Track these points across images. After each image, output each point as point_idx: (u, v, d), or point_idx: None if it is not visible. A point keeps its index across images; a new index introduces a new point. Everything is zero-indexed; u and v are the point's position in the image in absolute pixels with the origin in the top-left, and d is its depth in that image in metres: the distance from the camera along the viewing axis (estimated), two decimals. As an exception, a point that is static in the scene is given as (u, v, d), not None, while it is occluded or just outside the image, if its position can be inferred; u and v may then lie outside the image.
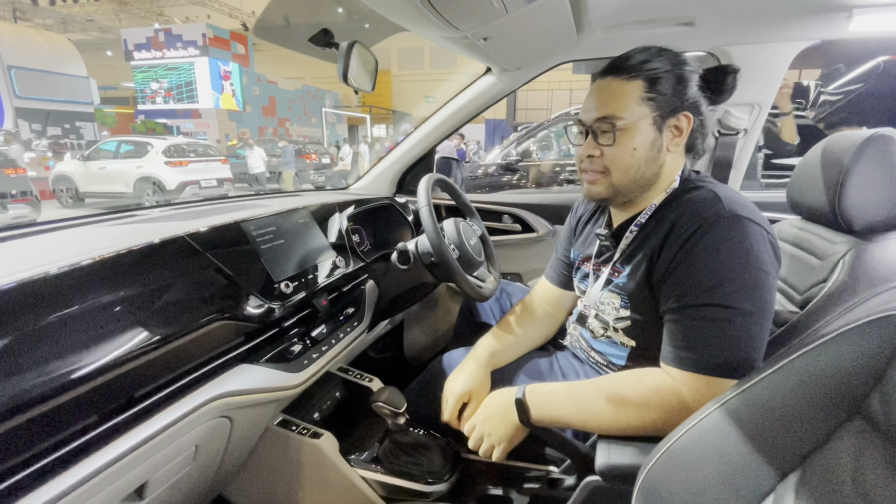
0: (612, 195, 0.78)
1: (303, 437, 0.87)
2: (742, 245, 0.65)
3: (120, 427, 0.57)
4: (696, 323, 0.67)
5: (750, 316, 0.64)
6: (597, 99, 0.75)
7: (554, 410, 0.76)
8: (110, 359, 0.57)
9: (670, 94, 0.72)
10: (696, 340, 0.66)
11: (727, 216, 0.66)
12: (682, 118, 0.73)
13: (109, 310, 0.60)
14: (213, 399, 0.68)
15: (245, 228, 0.87)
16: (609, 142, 0.73)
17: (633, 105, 0.72)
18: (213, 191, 8.66)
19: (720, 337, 0.65)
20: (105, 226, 0.85)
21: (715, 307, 0.65)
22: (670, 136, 0.74)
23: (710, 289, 0.65)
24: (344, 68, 0.79)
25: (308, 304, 0.94)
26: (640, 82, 0.72)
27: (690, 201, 0.71)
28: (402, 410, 0.89)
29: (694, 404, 0.65)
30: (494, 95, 1.37)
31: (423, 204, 1.05)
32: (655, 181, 0.76)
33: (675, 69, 0.73)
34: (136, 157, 8.41)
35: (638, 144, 0.73)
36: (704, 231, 0.67)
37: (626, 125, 0.72)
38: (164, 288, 0.67)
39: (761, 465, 0.52)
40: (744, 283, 0.65)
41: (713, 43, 1.15)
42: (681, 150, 0.77)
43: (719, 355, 0.65)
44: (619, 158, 0.74)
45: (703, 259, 0.66)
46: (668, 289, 0.70)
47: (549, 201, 1.59)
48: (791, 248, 0.95)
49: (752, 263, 0.65)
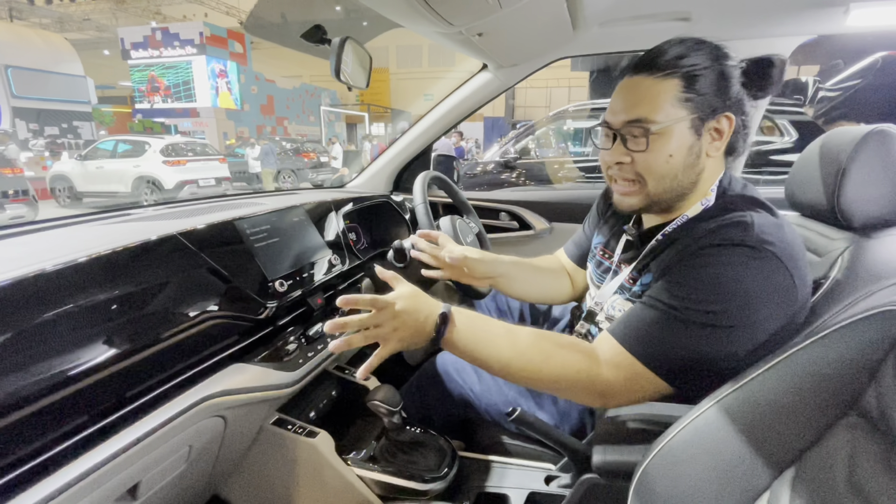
0: (648, 205, 0.71)
1: (298, 436, 0.87)
2: (744, 277, 0.59)
3: (112, 427, 0.57)
4: (651, 312, 0.63)
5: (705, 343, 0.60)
6: (626, 100, 0.67)
7: (472, 336, 0.66)
8: (102, 358, 0.56)
9: (711, 93, 0.64)
10: (641, 322, 0.64)
11: (749, 244, 0.59)
12: (724, 119, 0.65)
13: (102, 308, 0.59)
14: (206, 398, 0.67)
15: (239, 227, 0.86)
16: (641, 147, 0.65)
17: (669, 107, 0.63)
18: (211, 189, 8.65)
19: (663, 331, 0.62)
20: (99, 224, 0.85)
21: (678, 315, 0.61)
22: (710, 140, 0.66)
23: (686, 297, 0.61)
24: (336, 64, 0.78)
25: (303, 303, 0.93)
26: (677, 81, 0.63)
27: (720, 226, 0.63)
28: (398, 409, 0.89)
29: (606, 373, 0.64)
30: (491, 92, 1.37)
31: (418, 201, 1.05)
32: (693, 189, 0.69)
33: (716, 64, 0.64)
34: (134, 156, 8.40)
35: (674, 150, 0.65)
36: (717, 250, 0.61)
37: (661, 129, 0.64)
38: (157, 286, 0.67)
39: (757, 461, 0.52)
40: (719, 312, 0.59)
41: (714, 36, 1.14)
42: (720, 154, 0.69)
43: (652, 344, 0.62)
44: (654, 166, 0.66)
45: (697, 272, 0.61)
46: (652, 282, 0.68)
47: (546, 198, 1.59)
48: None
49: (746, 300, 0.59)
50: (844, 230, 0.82)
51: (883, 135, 0.75)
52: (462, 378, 0.98)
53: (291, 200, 1.13)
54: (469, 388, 0.97)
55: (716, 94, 0.64)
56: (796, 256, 0.61)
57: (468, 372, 0.98)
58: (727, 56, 0.66)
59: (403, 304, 0.63)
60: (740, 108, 0.66)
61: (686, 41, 0.66)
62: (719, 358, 0.61)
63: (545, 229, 1.56)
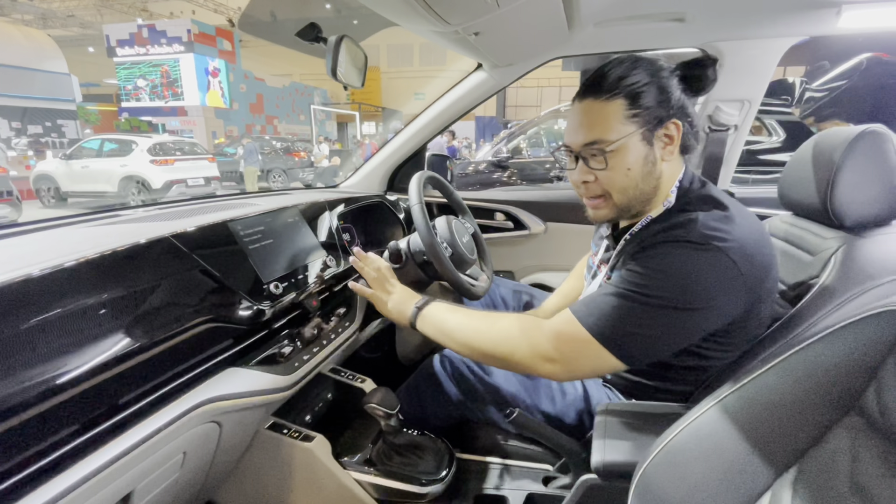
0: (619, 214, 0.77)
1: (294, 440, 0.86)
2: (691, 269, 0.64)
3: (103, 435, 0.55)
4: (606, 291, 0.68)
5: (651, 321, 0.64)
6: (580, 123, 0.72)
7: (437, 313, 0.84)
8: (93, 364, 0.55)
9: (654, 105, 0.69)
10: (593, 299, 0.69)
11: (699, 243, 0.64)
12: (672, 126, 0.71)
13: (92, 314, 0.58)
14: (200, 404, 0.66)
15: (232, 228, 0.85)
16: (601, 166, 0.71)
17: (619, 125, 0.69)
18: (200, 189, 8.54)
19: (614, 311, 0.65)
20: (87, 226, 0.82)
21: (628, 293, 0.65)
22: (662, 146, 0.72)
23: (637, 283, 0.65)
24: (333, 64, 0.77)
25: (298, 305, 0.92)
26: (622, 101, 0.69)
27: (672, 225, 0.70)
28: (395, 411, 0.88)
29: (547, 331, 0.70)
30: (486, 91, 1.36)
31: (414, 201, 1.04)
32: (656, 193, 0.74)
33: (655, 78, 0.69)
34: (121, 155, 8.25)
35: (631, 164, 0.70)
36: (670, 246, 0.66)
37: (616, 147, 0.69)
38: (148, 290, 0.65)
39: (758, 462, 0.52)
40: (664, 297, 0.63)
41: (703, 39, 1.15)
42: (676, 156, 0.74)
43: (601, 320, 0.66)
44: (616, 181, 0.72)
45: (650, 260, 0.66)
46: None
47: (541, 198, 1.59)
48: (782, 244, 0.95)
49: (689, 288, 0.63)
50: (836, 229, 0.83)
51: (875, 135, 0.76)
52: (459, 380, 0.97)
53: (285, 201, 1.12)
54: (466, 389, 0.96)
55: (659, 105, 0.69)
56: (745, 247, 0.65)
57: (465, 374, 0.98)
58: (663, 68, 0.71)
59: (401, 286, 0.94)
60: (684, 111, 0.72)
61: (624, 62, 0.71)
62: (671, 337, 0.66)
63: (541, 230, 1.56)
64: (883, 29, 0.95)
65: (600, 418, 0.78)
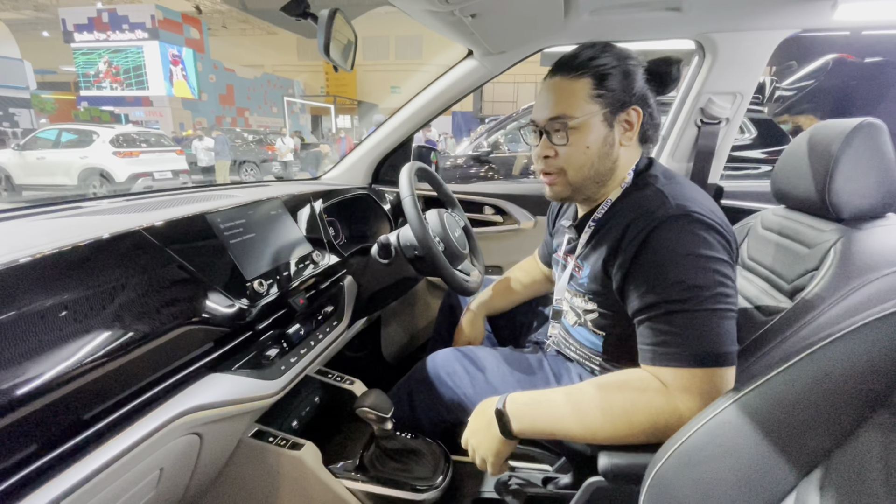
0: (572, 193, 0.79)
1: (281, 448, 0.80)
2: (694, 241, 0.65)
3: (69, 455, 0.48)
4: (663, 319, 0.65)
5: (713, 307, 0.63)
6: (547, 99, 0.75)
7: (537, 420, 0.70)
8: (53, 375, 0.48)
9: (619, 89, 0.72)
10: (666, 335, 0.65)
11: (676, 214, 0.66)
12: (632, 112, 0.74)
13: (51, 317, 0.50)
14: (179, 415, 0.59)
15: (211, 221, 0.78)
16: (562, 141, 0.73)
17: (583, 103, 0.72)
18: (167, 183, 8.17)
19: (688, 328, 0.63)
20: (44, 219, 0.74)
21: (676, 302, 0.64)
22: (622, 131, 0.74)
23: (670, 286, 0.64)
24: (325, 39, 0.71)
25: (284, 304, 0.86)
26: (588, 79, 0.71)
27: (640, 200, 0.71)
28: (389, 415, 0.83)
29: (681, 402, 0.62)
30: (475, 81, 1.31)
31: (406, 193, 0.99)
32: (611, 176, 0.77)
33: (622, 64, 0.73)
34: (80, 146, 7.80)
35: (591, 142, 0.73)
36: (657, 232, 0.66)
37: (578, 124, 0.72)
38: (117, 290, 0.58)
39: (780, 462, 0.50)
40: (700, 277, 0.63)
41: (698, 30, 1.14)
42: (634, 143, 0.77)
43: (692, 345, 0.63)
44: (574, 157, 0.74)
45: (658, 259, 0.66)
46: (631, 292, 0.69)
47: (532, 191, 1.55)
48: (776, 237, 0.95)
49: (705, 256, 0.64)
50: (833, 222, 0.83)
51: (872, 127, 0.76)
52: (454, 381, 0.93)
53: (265, 192, 1.05)
54: (462, 392, 0.92)
55: (623, 89, 0.72)
56: (713, 213, 0.68)
57: (460, 375, 0.93)
58: (631, 56, 0.74)
59: (470, 431, 0.76)
60: (645, 101, 0.75)
61: (596, 45, 0.74)
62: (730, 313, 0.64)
63: (531, 224, 1.53)
64: (878, 23, 0.96)
65: None
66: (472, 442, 0.75)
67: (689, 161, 1.30)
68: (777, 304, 0.87)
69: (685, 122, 1.27)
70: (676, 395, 0.63)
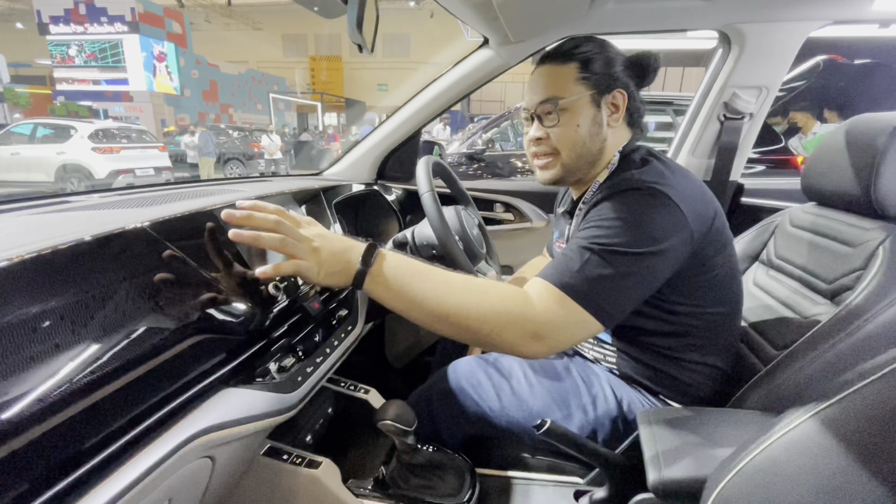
0: (565, 174, 0.81)
1: (297, 467, 0.73)
2: (637, 209, 0.67)
3: (66, 493, 0.41)
4: (571, 251, 0.68)
5: (616, 263, 0.64)
6: (538, 84, 0.79)
7: (405, 270, 0.62)
8: (46, 399, 0.40)
9: (602, 73, 0.77)
10: (562, 262, 0.67)
11: (641, 187, 0.68)
12: (618, 95, 0.78)
13: (42, 330, 0.43)
14: (193, 437, 0.52)
15: (220, 218, 0.70)
16: (554, 122, 0.78)
17: (571, 85, 0.76)
18: (150, 180, 7.94)
19: (578, 261, 0.65)
20: (28, 214, 0.66)
21: (587, 239, 0.67)
22: (609, 113, 0.79)
23: (595, 235, 0.67)
24: (359, 14, 0.64)
25: (299, 309, 0.78)
26: (575, 64, 0.77)
27: (621, 178, 0.74)
28: (412, 428, 0.77)
29: (535, 307, 0.63)
30: (491, 71, 1.25)
31: (425, 189, 0.92)
32: (601, 156, 0.80)
33: (604, 51, 0.78)
34: (57, 141, 7.53)
35: (580, 121, 0.77)
36: (612, 197, 0.70)
37: (567, 104, 0.76)
38: (120, 296, 0.50)
39: (871, 483, 0.45)
40: (622, 237, 0.65)
41: (726, 20, 1.09)
42: (621, 126, 0.81)
43: (571, 275, 0.64)
44: (566, 136, 0.78)
45: (601, 213, 0.69)
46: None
47: (544, 189, 1.50)
48: (809, 235, 0.91)
49: (643, 231, 0.65)
50: (876, 219, 0.79)
51: None
52: (479, 394, 0.87)
53: (271, 187, 0.97)
54: (487, 405, 0.86)
55: (606, 73, 0.77)
56: (684, 192, 0.69)
57: (485, 387, 0.88)
58: (611, 46, 0.80)
59: (320, 230, 0.63)
60: (628, 87, 0.79)
61: (578, 37, 0.80)
62: (633, 286, 0.66)
63: (543, 222, 1.48)
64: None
65: (645, 428, 0.71)
66: (314, 242, 0.59)
67: (711, 157, 1.26)
68: (815, 305, 0.84)
69: (707, 117, 1.23)
70: (534, 300, 0.64)
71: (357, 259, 0.60)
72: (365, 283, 0.60)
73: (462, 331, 0.62)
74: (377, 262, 0.61)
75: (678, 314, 0.78)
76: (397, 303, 0.62)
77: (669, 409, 0.83)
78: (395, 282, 0.61)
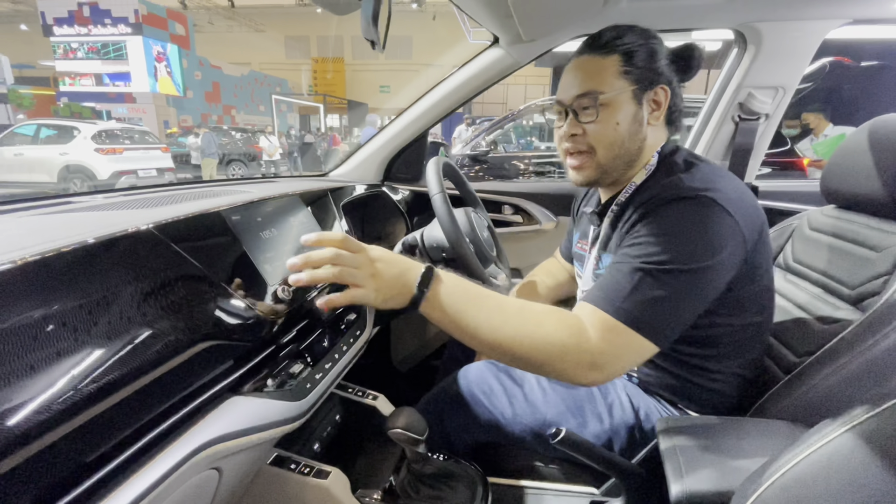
0: (600, 175, 0.77)
1: (305, 477, 0.70)
2: (693, 222, 0.63)
3: (66, 511, 0.38)
4: (616, 267, 0.65)
5: (672, 281, 0.61)
6: (575, 76, 0.74)
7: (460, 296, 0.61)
8: (48, 408, 0.38)
9: (645, 67, 0.72)
10: (608, 280, 0.64)
11: (688, 196, 0.64)
12: (660, 91, 0.73)
13: (43, 337, 0.40)
14: (200, 448, 0.50)
15: (229, 219, 0.68)
16: (591, 118, 0.72)
17: (612, 79, 0.71)
18: (152, 181, 7.94)
19: (629, 283, 0.62)
20: (29, 215, 0.64)
21: (637, 258, 0.63)
22: (649, 110, 0.74)
23: (647, 254, 0.63)
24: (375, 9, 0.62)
25: (308, 313, 0.76)
26: (617, 56, 0.71)
27: (661, 182, 0.71)
28: (424, 437, 0.74)
29: (588, 336, 0.61)
30: (500, 71, 1.23)
31: (435, 191, 0.90)
32: (639, 156, 0.76)
33: (647, 43, 0.73)
34: (60, 142, 7.54)
35: (620, 119, 0.72)
36: (662, 207, 0.65)
37: (608, 99, 0.71)
38: (125, 301, 0.48)
39: None
40: (678, 251, 0.62)
41: (743, 18, 1.07)
42: (661, 125, 0.76)
43: (622, 299, 0.62)
44: (604, 134, 0.73)
45: (651, 228, 0.65)
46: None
47: (554, 190, 1.48)
48: (829, 238, 0.89)
49: (697, 245, 0.62)
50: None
51: None
52: (490, 401, 0.85)
53: (277, 188, 0.95)
54: (500, 412, 0.84)
55: (649, 68, 0.72)
56: (735, 200, 0.65)
57: (497, 394, 0.85)
58: (655, 36, 0.74)
59: (379, 253, 0.61)
60: (671, 82, 0.74)
61: (620, 26, 0.74)
62: (689, 303, 0.63)
63: (552, 225, 1.46)
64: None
65: (666, 438, 0.68)
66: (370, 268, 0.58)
67: (725, 159, 1.24)
68: (837, 311, 0.81)
69: (721, 117, 1.21)
70: (587, 328, 0.62)
71: (414, 283, 0.60)
72: (421, 306, 0.60)
73: (516, 360, 0.62)
74: (434, 285, 0.61)
75: (714, 325, 0.74)
76: (453, 328, 0.62)
77: (689, 417, 0.80)
78: (450, 308, 0.61)
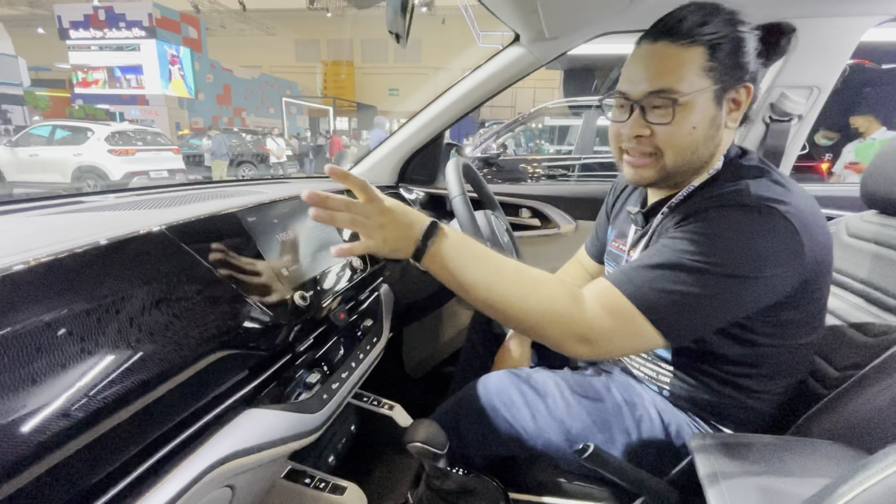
0: (661, 179, 0.68)
1: (321, 492, 0.67)
2: (747, 233, 0.57)
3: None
4: (650, 258, 0.60)
5: (702, 289, 0.56)
6: (648, 68, 0.63)
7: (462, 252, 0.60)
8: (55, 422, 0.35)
9: (731, 63, 0.61)
10: (637, 268, 0.60)
11: (753, 204, 0.58)
12: (742, 90, 0.63)
13: (50, 345, 0.37)
14: (214, 465, 0.46)
15: (244, 221, 0.65)
16: (665, 119, 0.62)
17: (694, 76, 0.61)
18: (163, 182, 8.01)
19: (653, 274, 0.58)
20: (40, 215, 0.61)
21: (677, 259, 0.58)
22: (728, 111, 0.64)
23: (686, 249, 0.58)
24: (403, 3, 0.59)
25: (324, 320, 0.73)
26: (702, 49, 0.60)
27: (728, 190, 0.62)
28: (444, 451, 0.71)
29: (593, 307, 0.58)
30: (521, 70, 1.19)
31: (456, 193, 0.87)
32: (709, 161, 0.67)
33: (734, 32, 0.61)
34: (74, 143, 7.63)
35: (698, 122, 0.62)
36: (718, 210, 0.59)
37: (687, 101, 0.61)
38: (137, 306, 0.45)
39: None
40: (720, 256, 0.56)
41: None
42: (736, 125, 0.67)
43: (647, 289, 0.58)
44: (677, 139, 0.63)
45: (699, 226, 0.59)
46: None
47: (572, 193, 1.44)
48: (871, 246, 0.84)
49: (744, 254, 0.56)
50: None
51: None
52: (511, 413, 0.81)
53: (290, 189, 0.92)
54: (521, 425, 0.80)
55: (735, 63, 0.62)
56: (805, 215, 0.59)
57: (518, 406, 0.81)
58: (742, 22, 0.63)
59: (392, 203, 0.59)
60: (755, 77, 0.65)
61: (704, 7, 0.63)
62: (719, 309, 0.58)
63: (571, 228, 1.42)
64: None
65: (703, 456, 0.64)
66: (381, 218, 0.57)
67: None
68: (882, 321, 0.76)
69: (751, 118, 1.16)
70: (586, 301, 0.59)
71: (419, 235, 0.59)
72: (423, 259, 0.59)
73: (509, 320, 0.60)
74: (437, 239, 0.59)
75: (759, 345, 0.68)
76: (451, 283, 0.60)
77: (725, 434, 0.75)
78: (451, 262, 0.59)
